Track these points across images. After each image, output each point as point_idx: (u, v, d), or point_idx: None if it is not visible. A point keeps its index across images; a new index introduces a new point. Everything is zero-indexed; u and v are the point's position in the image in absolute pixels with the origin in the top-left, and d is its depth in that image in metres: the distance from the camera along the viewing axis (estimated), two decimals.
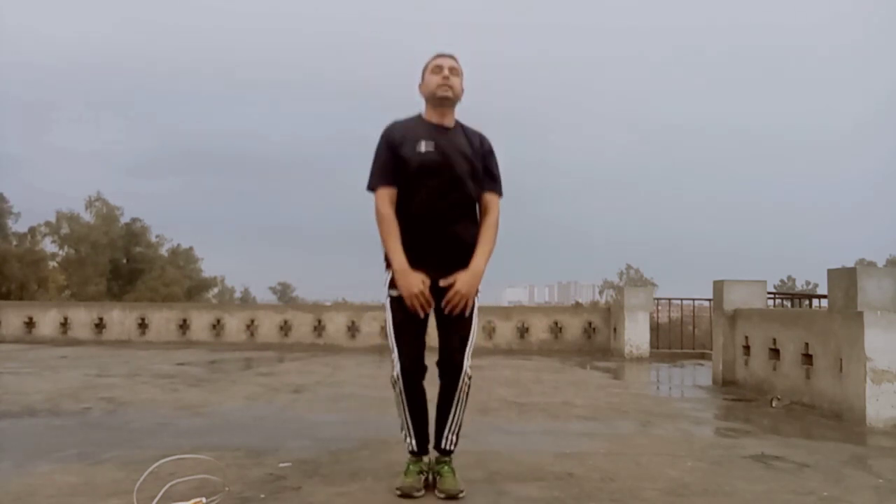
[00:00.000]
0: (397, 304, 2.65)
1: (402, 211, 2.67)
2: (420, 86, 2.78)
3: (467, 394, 2.70)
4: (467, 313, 2.66)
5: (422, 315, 2.59)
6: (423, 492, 2.61)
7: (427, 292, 2.57)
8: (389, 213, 2.64)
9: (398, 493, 2.58)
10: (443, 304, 2.60)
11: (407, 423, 2.68)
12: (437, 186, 2.63)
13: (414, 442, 2.69)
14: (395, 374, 2.65)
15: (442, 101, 2.70)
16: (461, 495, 2.58)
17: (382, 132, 2.75)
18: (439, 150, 2.66)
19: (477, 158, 2.73)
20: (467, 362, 2.67)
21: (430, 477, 2.69)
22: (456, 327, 2.67)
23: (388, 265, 2.69)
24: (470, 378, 2.69)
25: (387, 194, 2.66)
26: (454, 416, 2.69)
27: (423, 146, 2.65)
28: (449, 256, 2.65)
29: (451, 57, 2.76)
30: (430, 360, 2.67)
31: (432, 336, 2.68)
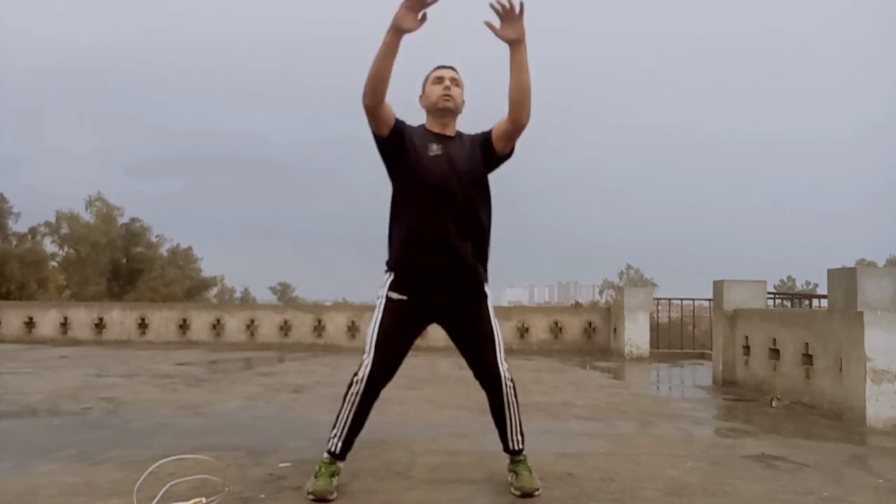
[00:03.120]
0: (392, 307, 2.63)
1: (401, 221, 2.66)
2: (420, 97, 2.77)
3: (515, 393, 2.70)
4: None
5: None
6: (335, 494, 2.55)
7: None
8: None
9: (310, 497, 2.52)
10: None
11: (343, 424, 2.62)
12: (440, 196, 2.61)
13: (339, 444, 2.63)
14: (360, 373, 2.59)
15: (443, 111, 2.71)
16: (537, 493, 2.59)
17: None
18: (447, 157, 2.65)
19: (479, 149, 2.71)
20: (503, 366, 2.66)
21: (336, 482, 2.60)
22: (479, 336, 2.67)
23: (390, 267, 2.68)
24: (512, 380, 2.69)
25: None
26: (511, 418, 2.70)
27: (435, 149, 2.65)
28: (448, 274, 2.63)
29: (452, 68, 2.76)
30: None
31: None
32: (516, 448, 2.72)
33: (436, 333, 2.68)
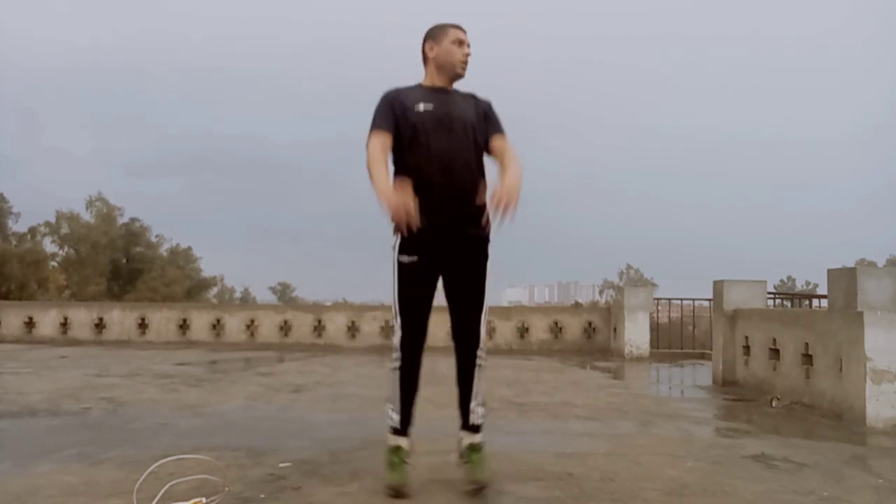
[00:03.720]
0: (406, 270, 2.64)
1: (406, 170, 2.64)
2: (431, 48, 2.74)
3: (484, 362, 2.70)
4: (509, 215, 2.44)
5: (405, 231, 2.46)
6: (407, 486, 2.59)
7: (412, 208, 2.42)
8: (376, 148, 2.59)
9: (390, 493, 2.55)
10: (493, 201, 2.44)
11: (395, 397, 2.68)
12: (438, 142, 2.62)
13: (398, 418, 2.68)
14: (395, 342, 2.66)
15: (457, 76, 2.74)
16: (487, 487, 2.59)
17: (382, 95, 2.73)
18: (438, 108, 2.66)
19: (479, 113, 2.73)
20: (483, 328, 2.67)
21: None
22: (468, 293, 2.67)
23: (397, 227, 2.64)
24: (485, 351, 2.69)
25: (378, 137, 2.62)
26: (477, 386, 2.70)
27: (422, 106, 2.66)
28: (457, 213, 2.63)
29: (466, 32, 2.78)
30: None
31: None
32: (477, 422, 2.72)
33: (435, 333, 2.67)
